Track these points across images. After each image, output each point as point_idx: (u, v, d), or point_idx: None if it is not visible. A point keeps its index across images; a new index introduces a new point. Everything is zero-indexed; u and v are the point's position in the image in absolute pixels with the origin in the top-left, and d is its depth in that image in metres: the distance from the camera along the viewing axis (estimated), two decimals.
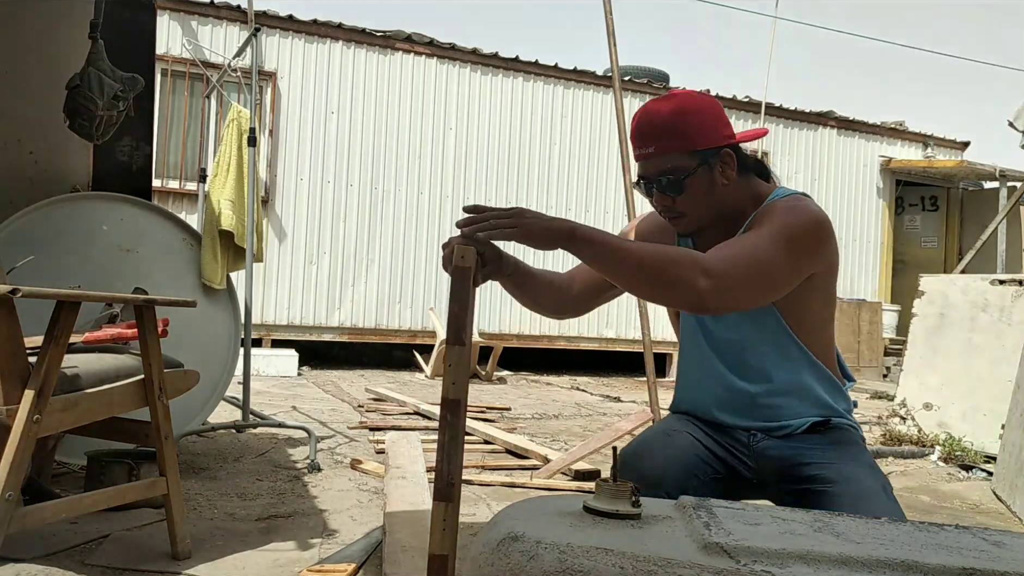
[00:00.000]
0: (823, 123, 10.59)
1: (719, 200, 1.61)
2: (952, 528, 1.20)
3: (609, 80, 8.68)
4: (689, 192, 1.58)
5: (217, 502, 2.80)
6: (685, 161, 1.56)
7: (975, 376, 4.69)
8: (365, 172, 8.20)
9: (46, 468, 2.50)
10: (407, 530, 2.37)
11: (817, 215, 1.55)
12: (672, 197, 1.60)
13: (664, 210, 1.64)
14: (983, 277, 5.03)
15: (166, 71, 7.46)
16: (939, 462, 4.40)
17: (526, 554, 1.03)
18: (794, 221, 1.52)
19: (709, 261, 1.41)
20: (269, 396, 5.52)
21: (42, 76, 3.55)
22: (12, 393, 1.83)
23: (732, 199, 1.62)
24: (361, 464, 3.47)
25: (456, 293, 1.41)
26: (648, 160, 1.59)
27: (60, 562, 2.10)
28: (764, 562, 1.00)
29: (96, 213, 3.33)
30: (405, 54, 8.44)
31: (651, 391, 3.72)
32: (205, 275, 3.57)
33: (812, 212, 1.56)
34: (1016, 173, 10.46)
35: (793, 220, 1.52)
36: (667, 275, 1.40)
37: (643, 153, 1.59)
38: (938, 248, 11.90)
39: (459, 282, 1.42)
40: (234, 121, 3.93)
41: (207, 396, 3.54)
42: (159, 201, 6.17)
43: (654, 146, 1.57)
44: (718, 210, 1.62)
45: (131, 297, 2.24)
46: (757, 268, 1.46)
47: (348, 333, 8.12)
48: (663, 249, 1.46)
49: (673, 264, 1.40)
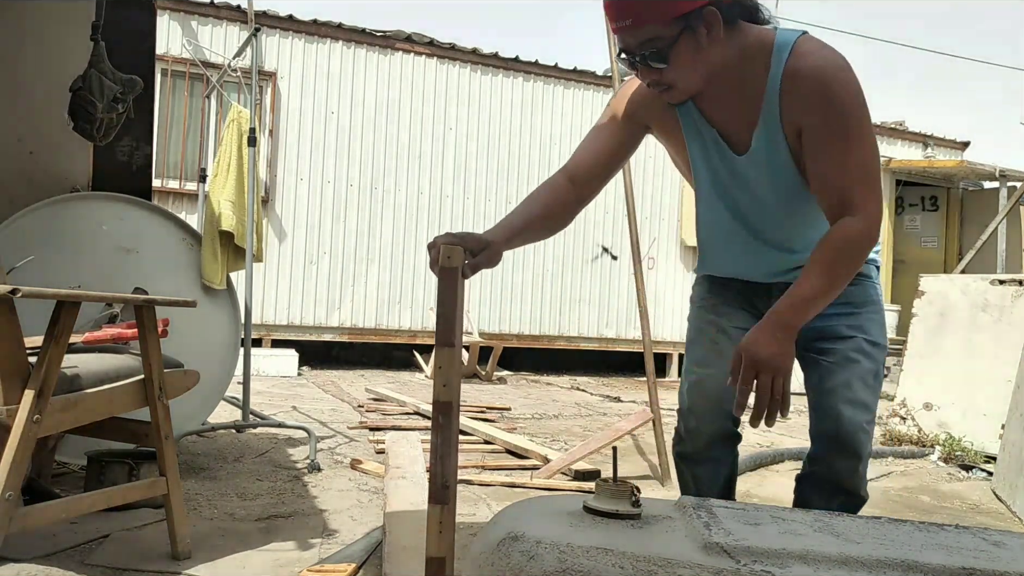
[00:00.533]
0: None
1: (709, 63, 1.53)
2: (952, 528, 1.20)
3: (609, 80, 8.67)
4: (675, 62, 1.50)
5: (217, 502, 2.79)
6: (666, 30, 1.47)
7: (975, 376, 4.69)
8: (365, 172, 8.20)
9: (46, 468, 2.50)
10: (407, 530, 2.37)
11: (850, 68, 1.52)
12: (658, 70, 1.52)
13: (652, 83, 1.57)
14: (983, 277, 5.03)
15: (166, 71, 7.46)
16: (939, 462, 4.40)
17: (526, 554, 1.03)
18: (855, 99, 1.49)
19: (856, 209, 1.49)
20: (269, 396, 5.52)
21: (42, 76, 3.55)
22: (12, 393, 1.83)
23: (725, 57, 1.54)
24: (361, 464, 3.47)
25: (444, 294, 1.41)
26: (627, 32, 1.49)
27: (60, 562, 2.10)
28: (764, 562, 1.00)
29: (96, 213, 3.33)
30: (405, 54, 8.44)
31: (651, 391, 3.71)
32: (205, 275, 3.57)
33: (851, 73, 1.51)
34: (1016, 173, 10.45)
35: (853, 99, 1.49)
36: (848, 260, 1.51)
37: (621, 25, 1.49)
38: (938, 248, 11.90)
39: (446, 283, 1.41)
40: (234, 121, 3.93)
41: (207, 396, 3.54)
42: (159, 201, 6.17)
43: (631, 17, 1.47)
44: (711, 73, 1.55)
45: (131, 297, 2.24)
46: (878, 172, 1.54)
47: (348, 333, 8.12)
48: (832, 250, 1.50)
49: (848, 253, 1.50)
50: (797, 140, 1.56)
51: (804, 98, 1.50)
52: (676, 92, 1.57)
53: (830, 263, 1.49)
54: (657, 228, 9.28)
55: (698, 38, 1.49)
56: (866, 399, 1.67)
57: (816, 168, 1.54)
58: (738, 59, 1.55)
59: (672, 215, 9.38)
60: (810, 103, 1.50)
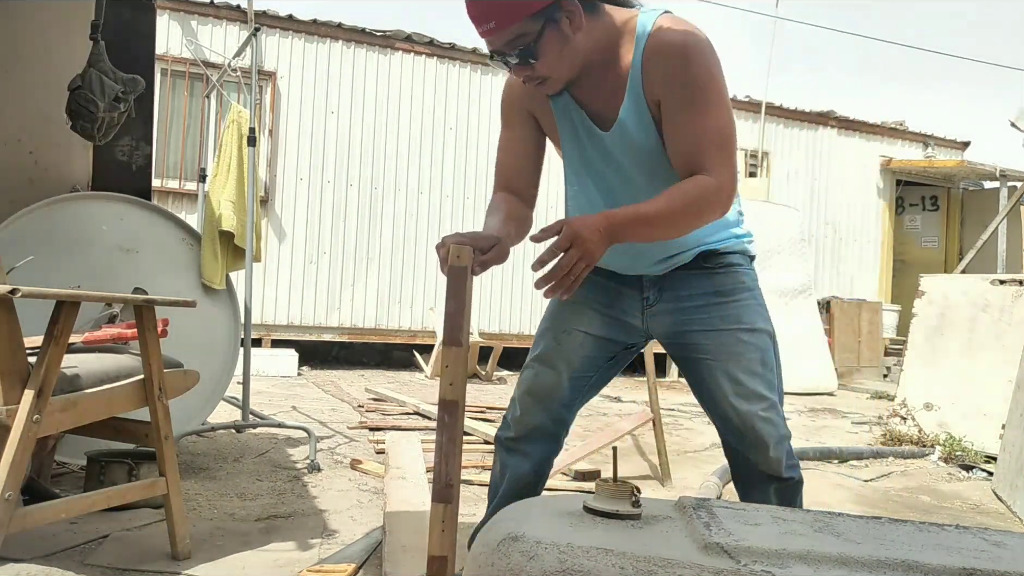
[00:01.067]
0: (823, 123, 10.59)
1: (578, 51, 1.58)
2: (953, 528, 1.20)
3: None
4: (544, 56, 1.56)
5: (217, 502, 2.79)
6: (529, 26, 1.52)
7: (975, 376, 4.69)
8: (365, 172, 8.20)
9: (46, 468, 2.50)
10: (407, 530, 2.37)
11: (709, 42, 1.58)
12: (530, 66, 1.57)
13: (527, 79, 1.63)
14: (983, 277, 5.02)
15: (166, 71, 7.46)
16: (939, 462, 4.40)
17: (526, 554, 1.03)
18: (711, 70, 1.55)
19: (712, 172, 1.53)
20: (269, 396, 5.52)
21: (42, 76, 3.55)
22: (12, 393, 1.83)
23: (592, 42, 1.60)
24: (361, 464, 3.47)
25: (452, 294, 1.41)
26: (492, 35, 1.54)
27: (60, 562, 2.10)
28: (764, 562, 1.00)
29: (96, 213, 3.33)
30: (405, 54, 8.44)
31: (651, 391, 3.71)
32: (205, 275, 3.57)
33: (709, 45, 1.57)
34: (1016, 173, 10.45)
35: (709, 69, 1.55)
36: (695, 209, 1.53)
37: (485, 29, 1.54)
38: (938, 248, 11.90)
39: (455, 281, 1.42)
40: (234, 121, 3.92)
41: (207, 396, 3.54)
42: (159, 201, 6.17)
43: (493, 20, 1.52)
44: (582, 59, 1.60)
45: (131, 297, 2.24)
46: (734, 140, 1.58)
47: (348, 333, 8.11)
48: (680, 191, 1.53)
49: (696, 199, 1.53)
50: (659, 114, 1.61)
51: (663, 70, 1.56)
52: (551, 83, 1.63)
53: (675, 199, 1.53)
54: None
55: (562, 29, 1.54)
56: (756, 388, 1.68)
57: (673, 136, 1.59)
58: (605, 42, 1.61)
59: None
60: (669, 74, 1.56)
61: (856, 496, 3.57)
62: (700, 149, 1.54)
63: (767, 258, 8.61)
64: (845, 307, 9.85)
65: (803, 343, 8.42)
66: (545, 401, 1.86)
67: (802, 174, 10.34)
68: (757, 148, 9.88)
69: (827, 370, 8.45)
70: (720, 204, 1.55)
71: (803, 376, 8.23)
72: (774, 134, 10.10)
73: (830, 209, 10.53)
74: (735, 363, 1.68)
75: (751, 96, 10.00)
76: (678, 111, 1.56)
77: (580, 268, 1.45)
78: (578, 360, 1.82)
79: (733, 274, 1.74)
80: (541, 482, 1.99)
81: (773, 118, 9.99)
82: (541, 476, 1.98)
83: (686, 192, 1.53)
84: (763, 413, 1.67)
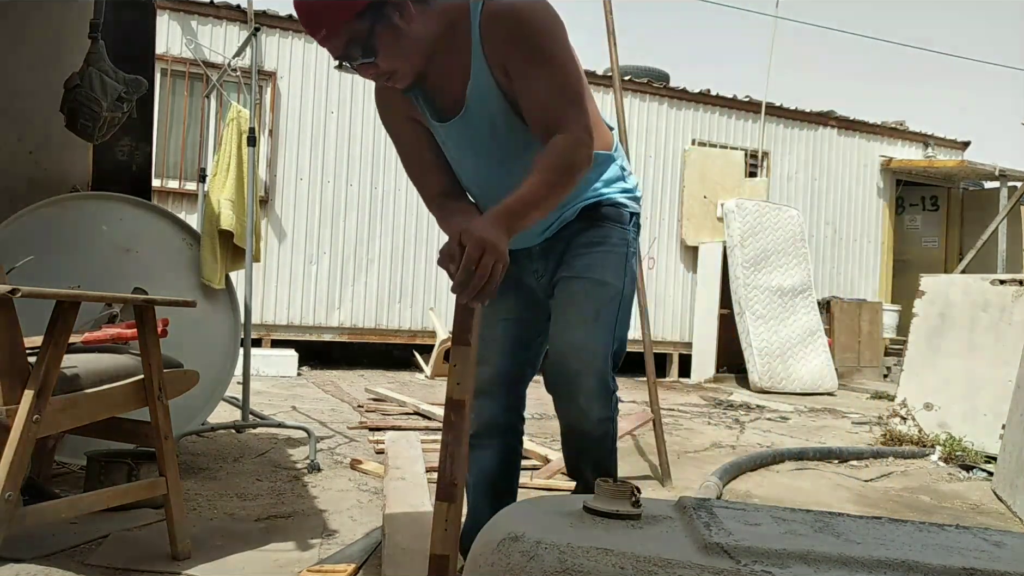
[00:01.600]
0: (823, 123, 10.58)
1: (417, 41, 1.59)
2: (953, 528, 1.20)
3: (609, 80, 8.67)
4: (383, 52, 1.56)
5: (217, 502, 2.79)
6: (358, 26, 1.53)
7: (976, 376, 4.69)
8: (365, 172, 8.19)
9: (46, 468, 2.49)
10: (407, 531, 2.37)
11: (546, 3, 1.59)
12: (373, 64, 1.58)
13: (375, 78, 1.64)
14: (983, 277, 5.02)
15: (166, 71, 7.46)
16: (939, 462, 4.40)
17: (526, 554, 1.03)
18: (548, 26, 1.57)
19: (567, 128, 1.56)
20: (269, 396, 5.52)
21: (42, 76, 3.55)
22: (12, 393, 1.83)
23: (429, 30, 1.60)
24: (361, 464, 3.47)
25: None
26: (327, 41, 1.56)
27: (60, 562, 2.10)
28: (764, 562, 1.00)
29: (96, 213, 3.33)
30: None
31: (651, 391, 3.71)
32: (205, 275, 3.56)
33: (544, 5, 1.59)
34: (1016, 173, 10.45)
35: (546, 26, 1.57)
36: (567, 173, 1.57)
37: (319, 37, 1.56)
38: (939, 248, 11.89)
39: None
40: (234, 121, 3.92)
41: (207, 396, 3.54)
42: (159, 201, 6.17)
43: (324, 27, 1.54)
44: (426, 48, 1.61)
45: (131, 297, 2.24)
46: (583, 93, 1.61)
47: (348, 333, 8.11)
48: (547, 162, 1.56)
49: (564, 163, 1.56)
50: (508, 82, 1.62)
51: (500, 35, 1.58)
52: (399, 77, 1.64)
53: (547, 171, 1.55)
54: (657, 228, 9.27)
55: (394, 22, 1.55)
56: (579, 336, 1.75)
57: (525, 99, 1.61)
58: (443, 27, 1.62)
59: (672, 215, 9.37)
60: (508, 39, 1.57)
61: (856, 496, 3.57)
62: (551, 107, 1.57)
63: (767, 258, 8.62)
64: (845, 307, 9.86)
65: (803, 343, 8.42)
66: (491, 395, 1.94)
67: (802, 174, 10.33)
68: (757, 148, 9.88)
69: (827, 370, 8.45)
70: (583, 157, 1.58)
71: (803, 376, 8.23)
72: (774, 134, 10.09)
73: (830, 209, 10.53)
74: (572, 309, 1.77)
75: (751, 96, 10.00)
76: (524, 74, 1.59)
77: (499, 270, 1.47)
78: (509, 345, 1.92)
79: (599, 227, 1.81)
80: (512, 474, 2.05)
81: (773, 118, 9.98)
82: (510, 467, 2.03)
83: (552, 160, 1.56)
84: (576, 364, 1.74)
